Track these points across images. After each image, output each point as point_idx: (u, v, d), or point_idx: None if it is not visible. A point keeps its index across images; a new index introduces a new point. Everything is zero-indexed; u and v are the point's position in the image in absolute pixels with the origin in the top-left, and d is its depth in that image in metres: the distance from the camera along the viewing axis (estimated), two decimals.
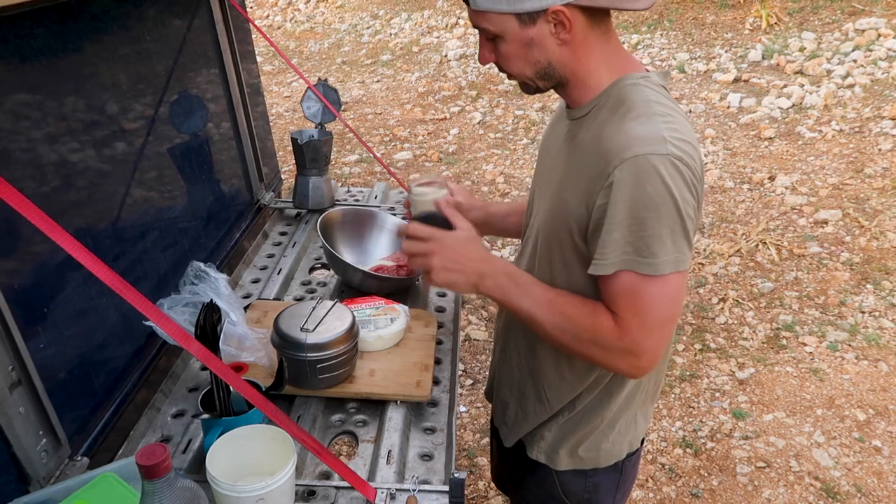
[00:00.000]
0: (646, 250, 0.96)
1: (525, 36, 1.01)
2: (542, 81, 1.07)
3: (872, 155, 4.71)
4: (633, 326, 1.00)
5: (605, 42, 1.04)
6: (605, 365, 1.09)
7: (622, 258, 0.97)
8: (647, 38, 7.18)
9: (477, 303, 3.60)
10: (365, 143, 2.07)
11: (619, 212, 0.96)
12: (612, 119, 1.01)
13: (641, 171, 0.94)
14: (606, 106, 1.04)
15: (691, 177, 0.96)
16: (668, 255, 0.96)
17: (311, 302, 1.31)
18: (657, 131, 0.96)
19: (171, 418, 1.26)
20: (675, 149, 0.94)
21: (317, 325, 1.25)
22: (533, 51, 1.02)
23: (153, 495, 0.76)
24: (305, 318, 1.26)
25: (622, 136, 0.97)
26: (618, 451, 1.28)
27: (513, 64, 1.06)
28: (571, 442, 1.25)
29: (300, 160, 1.98)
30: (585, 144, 1.05)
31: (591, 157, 1.01)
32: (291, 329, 1.24)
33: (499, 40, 1.04)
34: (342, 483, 1.07)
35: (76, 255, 0.82)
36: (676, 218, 0.95)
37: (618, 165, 0.95)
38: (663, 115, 0.99)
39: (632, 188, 0.95)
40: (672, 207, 0.95)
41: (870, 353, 3.08)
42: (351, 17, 9.46)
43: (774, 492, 2.45)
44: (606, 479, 1.31)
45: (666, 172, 0.93)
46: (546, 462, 1.28)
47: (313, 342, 1.22)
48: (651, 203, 0.94)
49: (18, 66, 1.08)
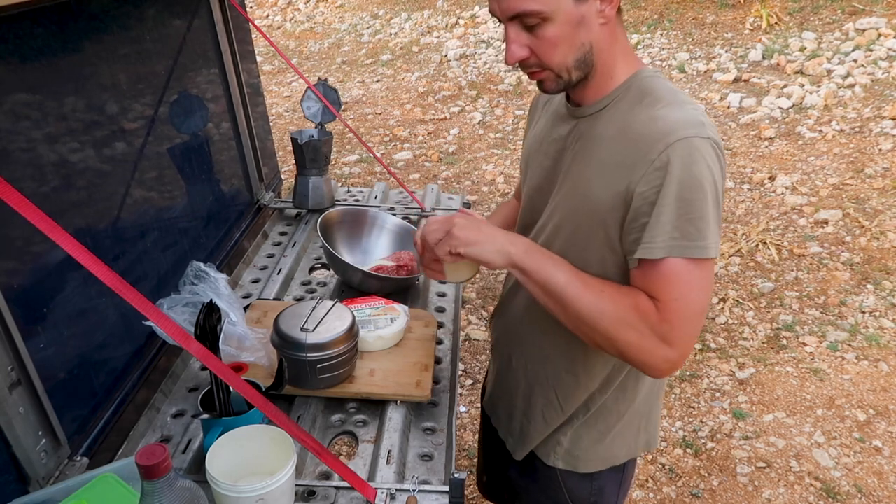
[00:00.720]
0: (696, 233, 0.95)
1: (577, 14, 0.96)
2: (577, 71, 1.02)
3: (873, 155, 4.71)
4: (673, 312, 0.98)
5: (622, 31, 1.05)
6: (637, 353, 1.02)
7: (671, 243, 0.96)
8: (647, 38, 7.17)
9: (477, 303, 3.60)
10: (365, 143, 2.07)
11: (669, 194, 0.95)
12: (639, 109, 1.01)
13: (689, 153, 0.94)
14: (626, 98, 1.04)
15: (723, 163, 0.98)
16: (714, 238, 0.96)
17: (310, 302, 1.31)
18: (695, 115, 0.97)
19: (171, 418, 1.26)
20: (713, 133, 0.96)
21: (317, 325, 1.24)
22: (580, 32, 0.98)
23: (153, 495, 0.76)
24: (305, 318, 1.26)
25: (661, 122, 0.97)
26: (632, 451, 1.28)
27: (557, 51, 0.99)
28: (588, 443, 1.24)
29: (300, 160, 1.98)
30: (605, 136, 1.04)
31: (621, 148, 1.01)
32: (291, 329, 1.24)
33: (544, 24, 0.96)
34: (342, 483, 1.07)
35: (76, 255, 0.82)
36: (717, 201, 0.97)
37: (663, 150, 0.94)
38: (692, 103, 1.01)
39: (681, 170, 0.94)
40: (714, 190, 0.96)
41: (870, 354, 3.08)
42: (351, 16, 9.46)
43: (774, 492, 2.45)
44: (611, 481, 1.30)
45: (709, 155, 0.95)
46: (565, 467, 1.27)
47: (313, 342, 1.22)
48: (699, 185, 0.94)
49: (18, 66, 1.07)
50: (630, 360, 1.04)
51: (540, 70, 1.03)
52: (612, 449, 1.26)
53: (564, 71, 1.02)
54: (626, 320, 1.00)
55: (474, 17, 8.43)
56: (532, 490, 1.36)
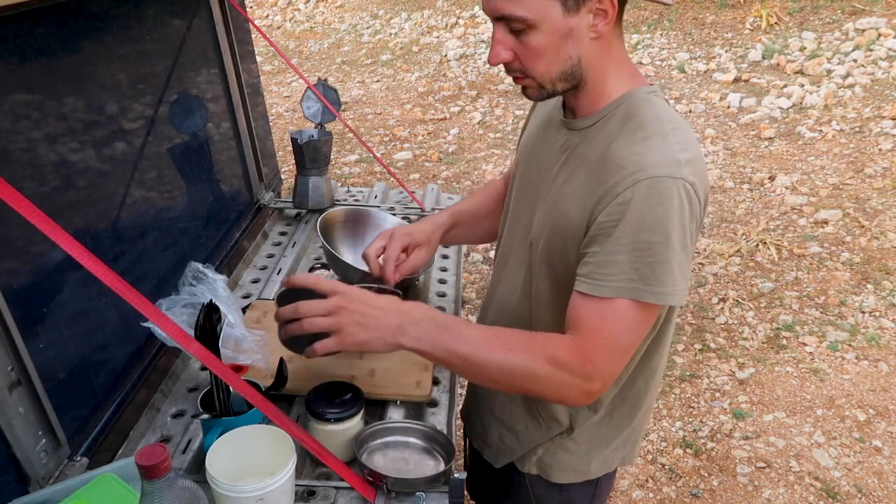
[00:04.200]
0: (653, 278, 0.91)
1: (565, 26, 0.91)
2: (561, 83, 0.99)
3: (873, 155, 4.71)
4: (601, 350, 0.95)
5: (620, 45, 1.01)
6: (556, 397, 1.01)
7: (624, 284, 0.92)
8: (647, 38, 7.17)
9: (477, 303, 3.60)
10: (365, 143, 2.07)
11: (626, 233, 0.91)
12: (622, 134, 0.98)
13: (655, 193, 0.90)
14: (615, 118, 1.00)
15: (698, 206, 0.94)
16: (676, 284, 0.92)
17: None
18: (672, 153, 0.92)
19: (171, 418, 1.26)
20: (690, 173, 0.92)
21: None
22: (567, 44, 0.93)
23: (153, 495, 0.76)
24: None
25: (636, 156, 0.93)
26: (608, 466, 1.25)
27: (539, 61, 0.95)
28: (563, 455, 1.22)
29: (300, 160, 1.98)
30: (589, 158, 1.01)
31: (597, 172, 0.98)
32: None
33: (530, 32, 0.92)
34: (342, 483, 1.07)
35: (76, 256, 0.82)
36: (684, 245, 0.92)
37: (630, 186, 0.91)
38: (675, 134, 0.95)
39: (643, 210, 0.90)
40: (681, 233, 0.91)
41: (870, 353, 3.08)
42: (351, 16, 9.46)
43: (774, 492, 2.45)
44: (582, 494, 1.28)
45: (678, 198, 0.90)
46: (537, 472, 1.26)
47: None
48: (660, 227, 0.90)
49: (18, 66, 1.07)
50: (550, 400, 1.06)
51: (523, 77, 1.00)
52: (587, 462, 1.23)
53: (548, 82, 0.98)
54: (540, 374, 0.96)
55: (474, 17, 8.43)
56: (501, 496, 1.35)
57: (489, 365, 0.97)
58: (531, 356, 0.96)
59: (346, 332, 0.96)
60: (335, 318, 0.96)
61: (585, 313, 0.96)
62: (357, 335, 0.96)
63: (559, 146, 1.09)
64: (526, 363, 0.96)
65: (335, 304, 0.97)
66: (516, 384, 0.99)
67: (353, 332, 0.96)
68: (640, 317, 0.95)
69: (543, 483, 1.26)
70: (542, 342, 0.98)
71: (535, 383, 0.97)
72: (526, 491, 1.29)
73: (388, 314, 0.98)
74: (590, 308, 0.96)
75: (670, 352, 3.15)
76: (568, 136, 1.07)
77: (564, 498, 1.28)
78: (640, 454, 2.65)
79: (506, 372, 0.96)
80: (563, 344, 0.96)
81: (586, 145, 1.03)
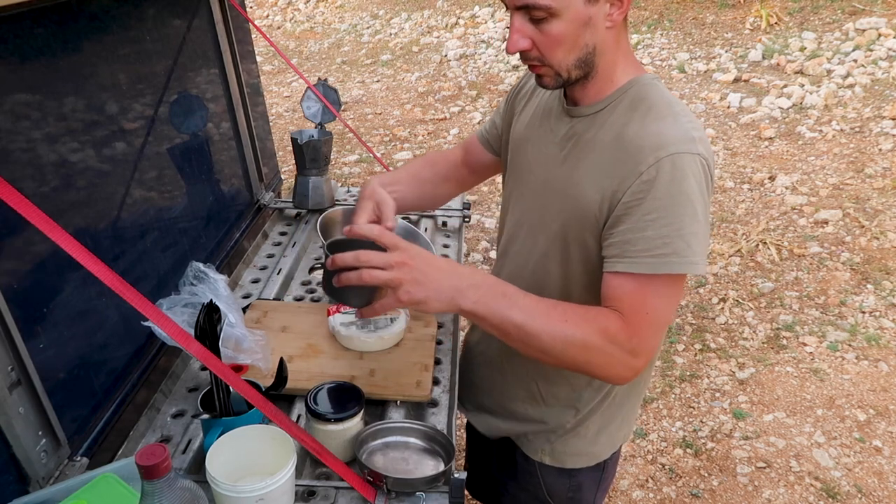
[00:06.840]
0: (686, 249, 0.94)
1: (586, 14, 0.95)
2: (576, 71, 1.01)
3: (873, 155, 4.71)
4: (645, 324, 0.97)
5: (626, 36, 1.05)
6: (605, 372, 1.02)
7: (658, 259, 0.95)
8: (647, 38, 7.17)
9: None
10: (365, 143, 2.07)
11: (654, 209, 0.95)
12: (633, 117, 1.01)
13: (678, 168, 0.94)
14: (623, 104, 1.03)
15: (710, 180, 0.98)
16: (702, 254, 0.96)
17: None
18: (686, 131, 0.97)
19: (171, 418, 1.26)
20: (703, 150, 0.96)
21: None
22: (586, 32, 0.97)
23: (153, 496, 0.76)
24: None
25: (654, 136, 0.97)
26: (614, 445, 1.30)
27: (559, 49, 0.98)
28: (575, 440, 1.26)
29: (300, 160, 1.98)
30: (601, 141, 1.04)
31: (613, 154, 1.01)
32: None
33: (551, 20, 0.95)
34: (342, 483, 1.07)
35: (76, 256, 0.82)
36: (705, 217, 0.97)
37: (653, 163, 0.95)
38: (684, 115, 1.00)
39: (669, 185, 0.94)
40: (703, 205, 0.96)
41: (870, 353, 3.08)
42: (351, 16, 9.46)
43: (775, 492, 2.45)
44: (590, 479, 1.31)
45: (697, 172, 0.95)
46: (551, 462, 1.28)
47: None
48: (688, 201, 0.94)
49: (18, 66, 1.07)
50: (597, 377, 1.05)
51: (540, 65, 1.02)
52: (597, 444, 1.27)
53: (564, 70, 1.01)
54: (594, 345, 0.97)
55: (474, 17, 8.43)
56: (510, 486, 1.36)
57: (543, 334, 0.96)
58: (587, 328, 0.96)
59: (404, 290, 0.93)
60: (395, 272, 0.93)
61: (625, 291, 0.98)
62: (415, 294, 0.94)
63: (562, 135, 1.11)
64: (582, 334, 0.96)
65: (397, 258, 0.94)
66: (569, 354, 0.98)
67: (412, 290, 0.93)
68: (676, 288, 0.99)
69: (554, 471, 1.29)
70: (595, 314, 0.98)
71: (588, 354, 0.97)
72: (536, 479, 1.30)
73: (449, 275, 0.96)
74: (630, 286, 0.98)
75: (670, 352, 3.16)
76: (573, 123, 1.09)
77: (574, 484, 1.30)
78: (641, 454, 2.65)
79: (559, 341, 0.96)
80: (615, 318, 0.97)
81: (596, 130, 1.05)
